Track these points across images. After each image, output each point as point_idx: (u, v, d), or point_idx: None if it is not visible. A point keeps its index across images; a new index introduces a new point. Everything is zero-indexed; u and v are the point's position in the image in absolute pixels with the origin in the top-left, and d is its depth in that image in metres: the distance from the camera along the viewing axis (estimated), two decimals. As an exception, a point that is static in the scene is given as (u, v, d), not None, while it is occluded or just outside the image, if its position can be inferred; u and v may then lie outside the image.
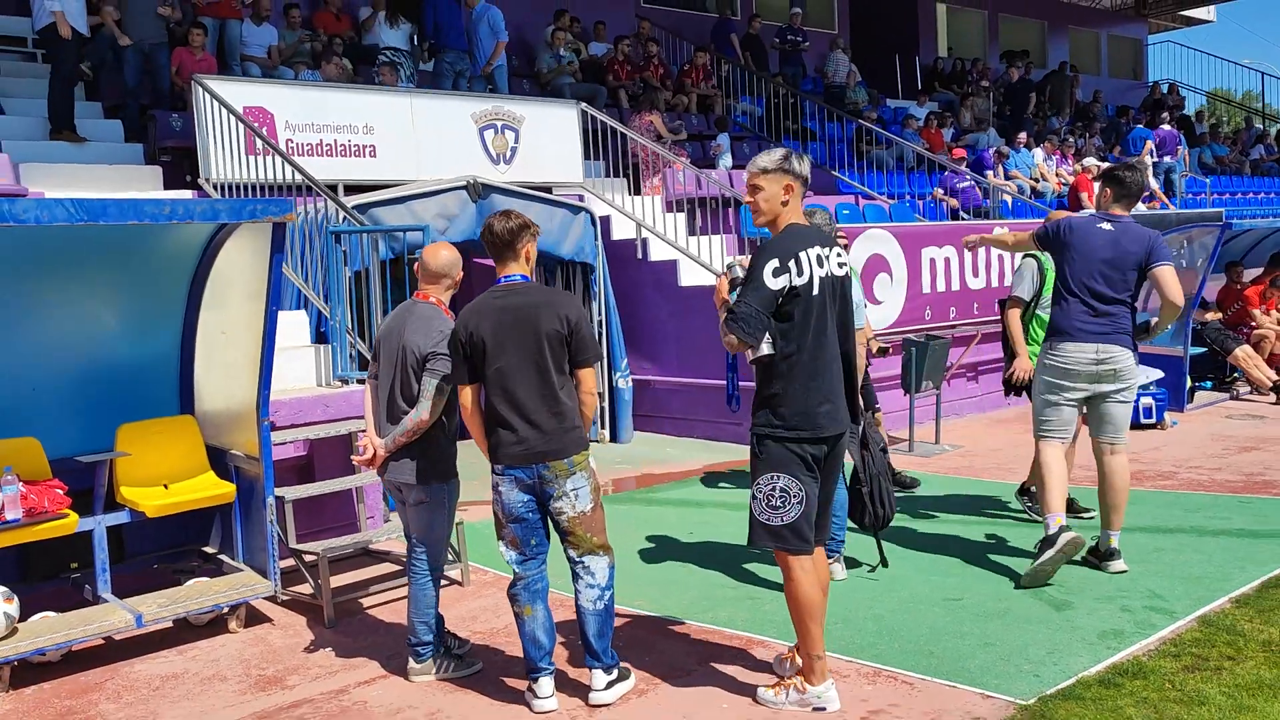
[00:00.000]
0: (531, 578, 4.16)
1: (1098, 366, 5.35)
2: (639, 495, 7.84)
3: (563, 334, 4.01)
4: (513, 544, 4.15)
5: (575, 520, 4.09)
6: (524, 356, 3.99)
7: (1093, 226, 5.44)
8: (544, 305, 4.03)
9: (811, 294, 3.84)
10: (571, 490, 4.06)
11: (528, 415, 4.00)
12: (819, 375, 3.87)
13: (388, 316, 4.74)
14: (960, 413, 10.37)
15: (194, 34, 9.86)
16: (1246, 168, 21.03)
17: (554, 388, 4.02)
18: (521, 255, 4.13)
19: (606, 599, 4.15)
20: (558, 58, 13.36)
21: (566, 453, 4.04)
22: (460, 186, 8.72)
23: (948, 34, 21.23)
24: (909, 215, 13.17)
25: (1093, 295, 5.35)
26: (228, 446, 5.57)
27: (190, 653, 4.96)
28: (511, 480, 4.07)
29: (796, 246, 3.84)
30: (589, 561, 4.13)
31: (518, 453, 4.02)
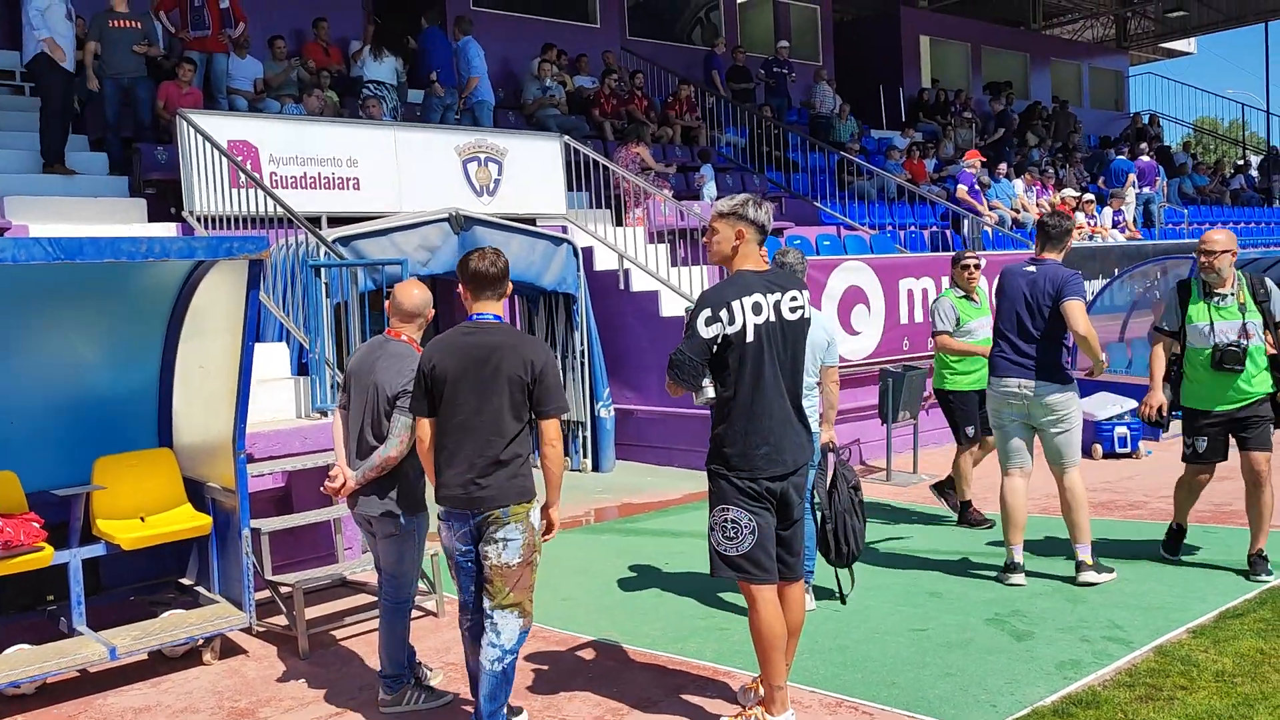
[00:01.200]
0: (472, 617, 4.15)
1: (1025, 401, 5.74)
2: (619, 525, 7.91)
3: (525, 380, 3.95)
4: (459, 586, 4.17)
5: (496, 569, 3.98)
6: (482, 398, 3.94)
7: (1018, 271, 5.88)
8: (510, 348, 3.97)
9: (745, 341, 3.96)
10: (501, 539, 3.97)
11: (470, 458, 3.94)
12: (756, 418, 3.98)
13: (359, 350, 4.82)
14: (939, 442, 10.45)
15: (183, 68, 10.00)
16: (1227, 198, 21.28)
17: (506, 434, 3.94)
18: (501, 296, 4.13)
19: (507, 662, 4.00)
20: (543, 90, 13.53)
21: (502, 502, 3.95)
22: (442, 219, 8.83)
23: (931, 65, 21.51)
24: (890, 246, 13.32)
25: (1016, 335, 5.77)
26: (205, 479, 5.64)
27: (164, 685, 5.01)
28: (450, 527, 4.05)
29: (731, 295, 3.98)
30: (499, 617, 3.98)
31: (456, 496, 3.97)
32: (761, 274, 4.09)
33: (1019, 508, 5.88)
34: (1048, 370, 5.70)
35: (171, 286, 5.52)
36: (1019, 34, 23.98)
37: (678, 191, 12.92)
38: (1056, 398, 5.71)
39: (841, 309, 9.44)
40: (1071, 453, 5.80)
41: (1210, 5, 25.63)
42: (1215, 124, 35.20)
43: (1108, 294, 11.21)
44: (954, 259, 7.63)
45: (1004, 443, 5.94)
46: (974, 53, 22.26)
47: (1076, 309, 5.61)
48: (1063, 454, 5.80)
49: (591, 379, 9.77)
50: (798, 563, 4.21)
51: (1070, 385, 5.77)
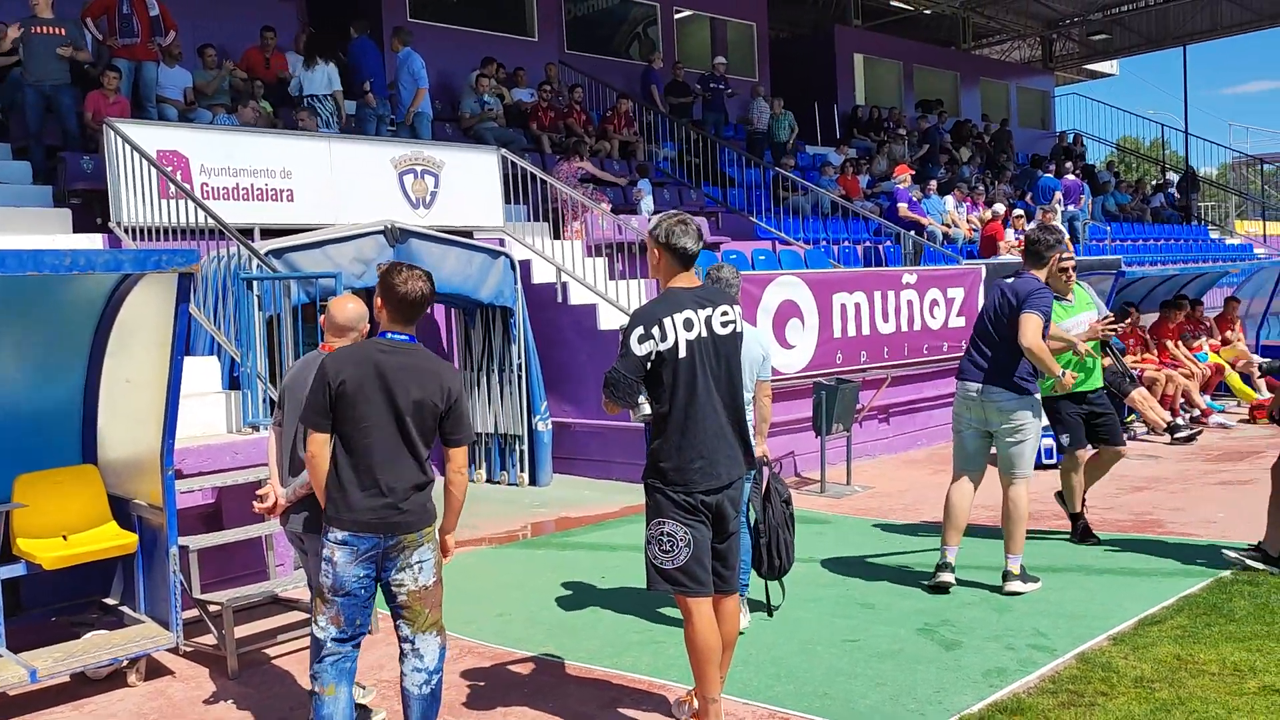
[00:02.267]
0: (344, 655, 3.88)
1: (980, 406, 5.93)
2: (556, 539, 7.90)
3: (439, 408, 3.87)
4: (334, 621, 3.84)
5: (415, 595, 3.87)
6: (395, 419, 3.81)
7: (1000, 283, 6.11)
8: (428, 373, 3.87)
9: (678, 357, 4.02)
10: (417, 563, 3.86)
11: (387, 481, 3.79)
12: (691, 433, 4.03)
13: (294, 366, 4.76)
14: (872, 454, 10.63)
15: (108, 77, 9.80)
16: (1147, 215, 21.94)
17: (420, 458, 3.87)
18: (415, 321, 3.99)
19: (434, 683, 3.94)
20: (481, 103, 13.51)
21: (419, 525, 3.85)
22: (378, 231, 8.76)
23: (865, 83, 21.90)
24: (824, 261, 13.52)
25: (981, 341, 6.01)
26: (131, 495, 5.53)
27: (87, 708, 4.89)
28: (351, 550, 3.80)
29: (662, 312, 4.04)
30: (420, 643, 3.91)
31: (363, 520, 3.78)
32: (692, 290, 4.14)
33: (961, 509, 6.04)
34: (1003, 377, 5.86)
35: (97, 299, 5.41)
36: (949, 53, 24.53)
37: (616, 205, 12.98)
38: (1011, 406, 5.85)
39: (776, 323, 9.55)
40: (1022, 464, 5.95)
41: (1131, 29, 26.48)
42: (1137, 143, 36.33)
43: (1034, 309, 11.49)
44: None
45: (959, 446, 6.13)
46: (906, 71, 22.72)
47: (1027, 321, 5.76)
48: (1013, 464, 5.95)
49: (529, 392, 9.75)
50: (733, 576, 4.25)
51: (1026, 396, 5.88)
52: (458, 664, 5.25)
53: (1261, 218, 26.63)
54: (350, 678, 3.90)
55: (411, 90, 12.01)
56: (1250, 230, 25.30)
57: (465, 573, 6.89)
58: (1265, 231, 25.36)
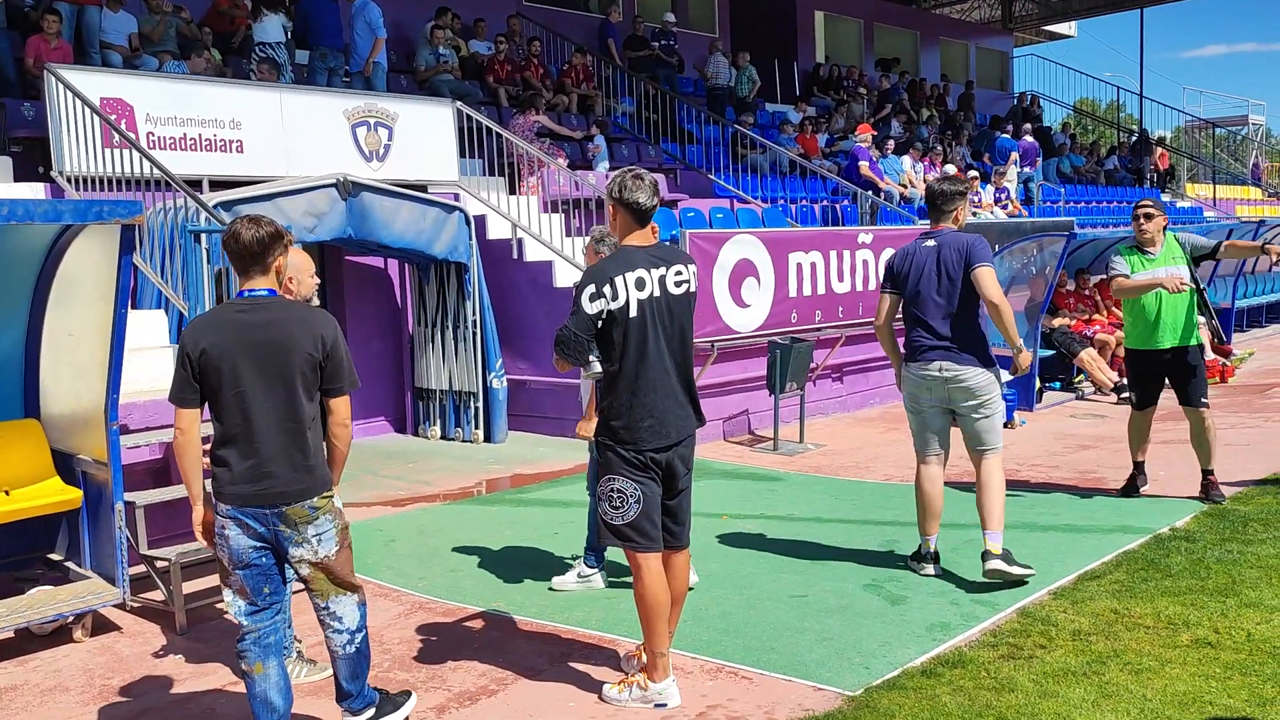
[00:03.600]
0: (264, 630, 3.67)
1: (945, 386, 5.43)
2: (510, 496, 7.91)
3: (316, 358, 3.60)
4: (241, 593, 3.63)
5: (318, 566, 3.67)
6: (268, 382, 3.55)
7: (916, 248, 5.53)
8: (296, 323, 3.60)
9: (629, 316, 4.02)
10: (313, 537, 3.63)
11: (265, 451, 3.54)
12: (640, 392, 4.04)
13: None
14: (826, 412, 10.73)
15: (48, 20, 9.51)
16: (1101, 178, 22.16)
17: (301, 421, 3.60)
18: (272, 268, 3.67)
19: (358, 641, 3.80)
20: (436, 55, 13.28)
21: (307, 495, 3.60)
22: (330, 184, 8.63)
23: (825, 41, 21.81)
24: (781, 220, 13.52)
25: (930, 315, 5.43)
26: (75, 451, 5.45)
27: (31, 664, 4.85)
28: (239, 525, 3.58)
29: (614, 271, 4.03)
30: (334, 606, 3.74)
31: (248, 493, 3.54)
32: (646, 249, 4.13)
33: (935, 496, 5.62)
34: (971, 352, 5.38)
35: (38, 250, 5.28)
36: (910, 12, 24.47)
37: (572, 161, 12.87)
38: (979, 380, 5.38)
39: (732, 281, 9.56)
40: (993, 438, 5.51)
41: (1090, -10, 26.56)
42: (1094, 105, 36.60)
43: (987, 269, 11.60)
44: (1132, 211, 7.09)
45: (920, 429, 5.63)
46: (866, 29, 22.64)
47: (987, 276, 5.28)
48: (983, 439, 5.50)
49: (484, 349, 9.71)
50: (683, 531, 4.29)
51: (993, 366, 5.47)
52: (409, 619, 5.26)
53: (1212, 181, 27.02)
54: (276, 650, 3.70)
55: (369, 40, 11.76)
56: (1201, 194, 25.66)
57: (419, 529, 6.89)
58: (1215, 195, 25.73)
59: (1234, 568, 5.40)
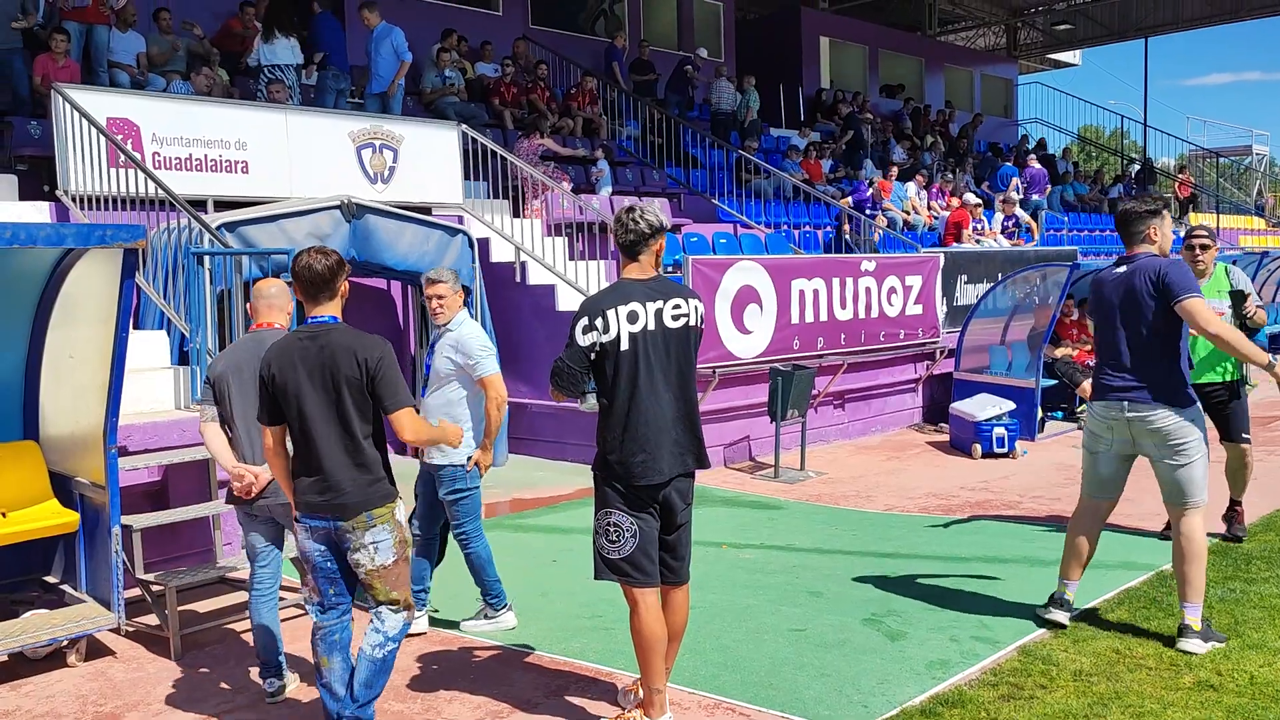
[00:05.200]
0: (330, 628, 4.01)
1: (1131, 428, 4.92)
2: (508, 521, 7.88)
3: (360, 380, 3.84)
4: (313, 592, 4.02)
5: (373, 573, 3.94)
6: (324, 403, 3.84)
7: (1107, 277, 5.02)
8: (343, 348, 3.85)
9: (619, 350, 4.01)
10: (370, 543, 3.90)
11: (325, 466, 3.85)
12: (633, 427, 4.02)
13: (225, 353, 4.70)
14: (827, 439, 10.70)
15: (56, 40, 9.55)
16: (1105, 206, 22.19)
17: (356, 437, 3.87)
18: (337, 295, 3.98)
19: (388, 650, 3.99)
20: (443, 78, 13.33)
21: (366, 507, 3.87)
22: (334, 206, 8.64)
23: (830, 67, 21.90)
24: (785, 246, 13.53)
25: (1117, 351, 4.92)
26: (73, 473, 5.43)
27: (25, 688, 4.81)
28: (307, 529, 3.93)
29: (606, 304, 4.03)
30: (384, 611, 4.00)
31: (315, 502, 3.87)
32: (644, 282, 4.12)
33: (1085, 540, 5.18)
34: (1163, 391, 4.81)
35: (40, 272, 5.29)
36: (915, 39, 24.59)
37: (576, 185, 12.89)
38: (1169, 422, 4.80)
39: (734, 308, 9.55)
40: (1192, 489, 4.86)
41: (1094, 19, 26.71)
42: (1098, 133, 36.70)
43: (990, 298, 11.60)
44: (1185, 239, 6.64)
45: (1090, 469, 5.17)
46: (871, 55, 22.74)
47: (1196, 308, 4.67)
48: (1185, 491, 4.86)
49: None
50: (682, 567, 4.25)
51: (1192, 408, 4.85)
52: (406, 647, 5.21)
53: (1215, 211, 27.05)
54: (341, 649, 4.02)
55: (393, 64, 11.70)
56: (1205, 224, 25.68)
57: (416, 554, 6.85)
58: (1219, 225, 25.75)
59: (1236, 607, 5.36)
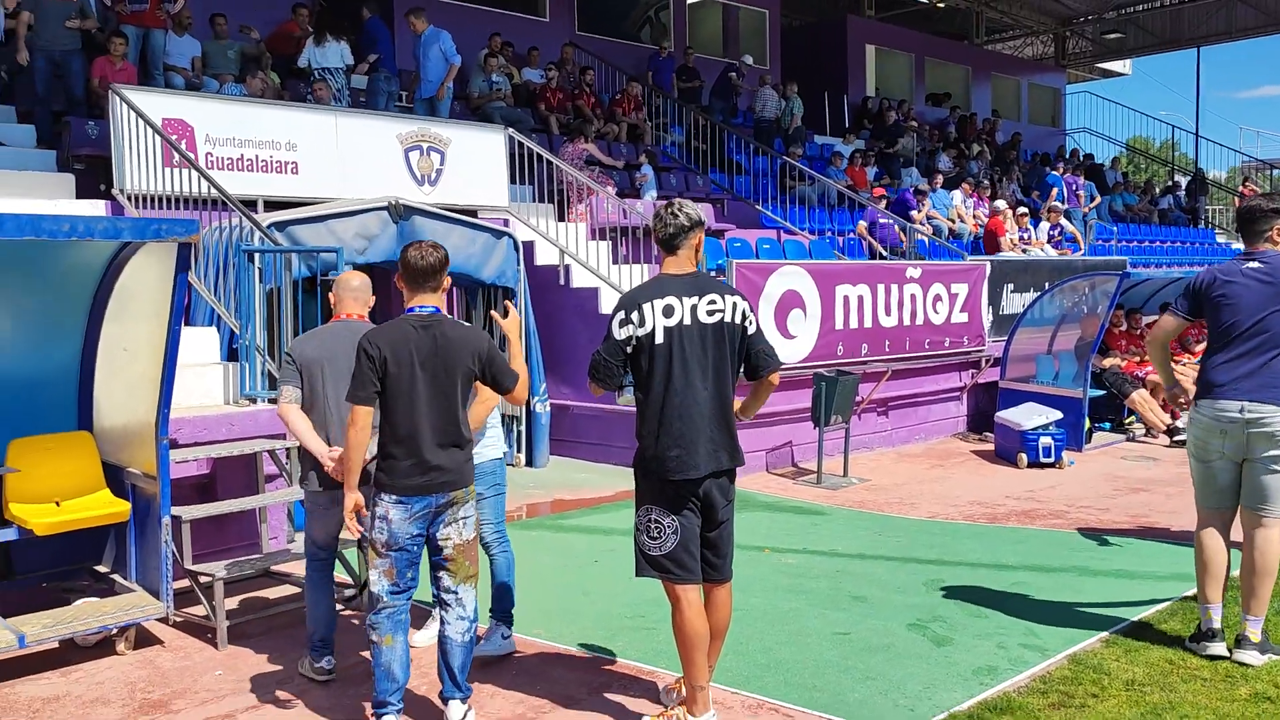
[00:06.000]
0: (399, 609, 4.15)
1: (1245, 430, 4.74)
2: (549, 521, 7.89)
3: (473, 368, 4.13)
4: (387, 574, 4.11)
5: (459, 548, 4.16)
6: (437, 389, 4.05)
7: (1238, 271, 4.86)
8: (459, 340, 4.10)
9: (654, 343, 4.00)
10: (463, 518, 4.15)
11: (430, 448, 4.04)
12: (668, 422, 4.01)
13: (316, 339, 4.77)
14: (870, 446, 10.61)
15: (115, 43, 9.75)
16: (1155, 217, 21.85)
17: (458, 423, 4.11)
18: (441, 287, 4.21)
19: (473, 631, 4.22)
20: (490, 82, 13.43)
21: (463, 483, 4.14)
22: (381, 207, 8.71)
23: (875, 75, 21.79)
24: (829, 252, 13.46)
25: (1244, 348, 4.78)
26: (125, 464, 5.51)
27: (75, 675, 4.88)
28: (406, 510, 4.05)
29: (643, 298, 4.04)
30: (462, 592, 4.18)
31: (420, 483, 4.04)
32: (681, 277, 4.12)
33: (1217, 556, 4.86)
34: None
35: (97, 266, 5.38)
36: (962, 47, 24.40)
37: (621, 189, 12.92)
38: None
39: (778, 312, 9.51)
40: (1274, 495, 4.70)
41: (1145, 28, 26.33)
42: (1148, 144, 36.18)
43: (1037, 307, 11.45)
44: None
45: (1208, 479, 4.93)
46: (918, 63, 22.60)
47: None
48: (1270, 499, 4.70)
49: (528, 374, 9.71)
50: (724, 564, 4.22)
51: None
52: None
53: (1269, 223, 26.51)
54: (404, 628, 4.17)
55: (441, 67, 11.81)
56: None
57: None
58: (1273, 237, 25.25)
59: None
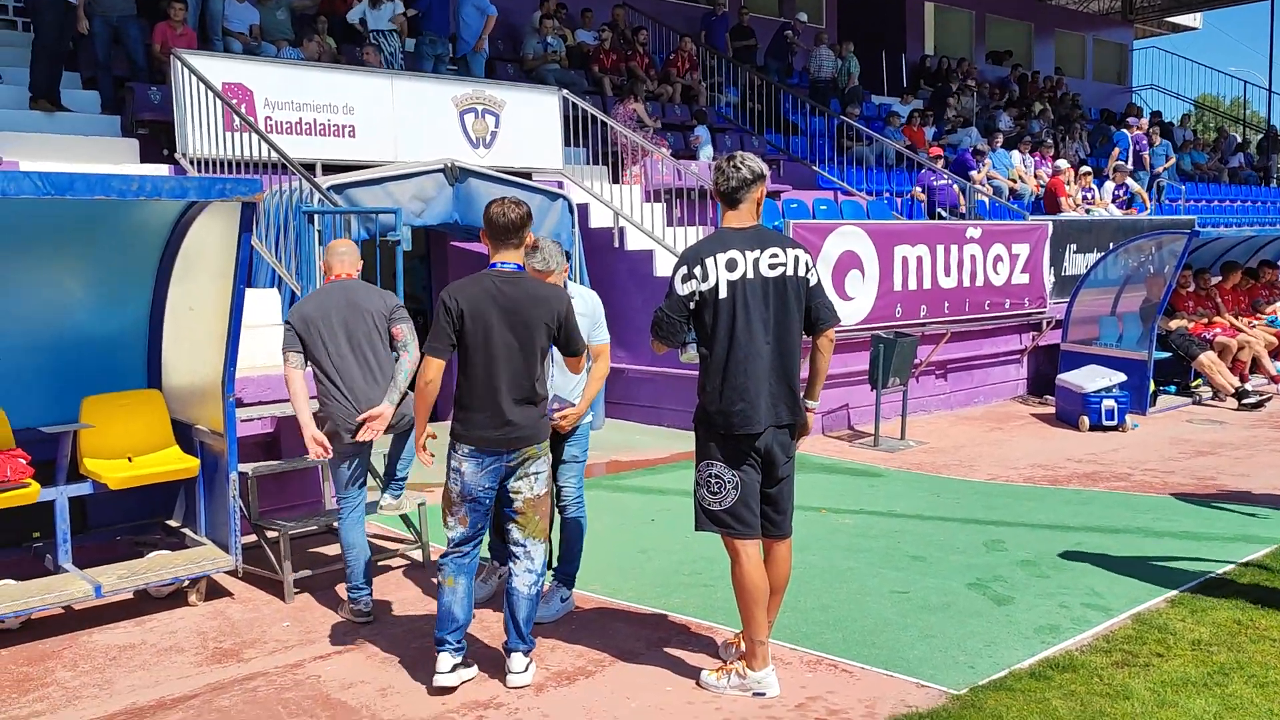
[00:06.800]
0: (467, 552, 4.26)
1: None
2: (606, 481, 7.94)
3: (552, 329, 4.18)
4: (461, 522, 4.23)
5: (529, 502, 4.23)
6: (511, 344, 4.10)
7: None
8: (539, 300, 4.15)
9: (718, 298, 3.98)
10: (534, 473, 4.21)
11: (507, 402, 4.10)
12: (732, 375, 4.00)
13: (313, 300, 5.07)
14: (928, 409, 10.51)
15: (174, 8, 9.85)
16: (1225, 175, 21.23)
17: (533, 379, 4.16)
18: (522, 246, 4.26)
19: (539, 585, 4.31)
20: (545, 44, 13.38)
21: (537, 439, 4.21)
22: (437, 169, 8.76)
23: (935, 33, 21.33)
24: (886, 213, 13.28)
25: None
26: (193, 421, 5.63)
27: (149, 624, 5.04)
28: (480, 463, 4.14)
29: (705, 252, 4.01)
30: (531, 546, 4.27)
31: (496, 437, 4.11)
32: (743, 230, 4.08)
33: None
34: None
35: (163, 227, 5.48)
36: (1024, 3, 23.74)
37: (675, 150, 12.83)
38: None
39: (836, 274, 9.41)
40: None
41: (1217, -20, 25.42)
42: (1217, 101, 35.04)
43: (1101, 268, 11.21)
44: None
45: None
46: (978, 21, 22.08)
47: None
48: None
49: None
50: (784, 520, 4.22)
51: None
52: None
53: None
54: (470, 573, 4.26)
55: (479, 21, 11.82)
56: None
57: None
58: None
59: (1368, 583, 5.11)
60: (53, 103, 9.09)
